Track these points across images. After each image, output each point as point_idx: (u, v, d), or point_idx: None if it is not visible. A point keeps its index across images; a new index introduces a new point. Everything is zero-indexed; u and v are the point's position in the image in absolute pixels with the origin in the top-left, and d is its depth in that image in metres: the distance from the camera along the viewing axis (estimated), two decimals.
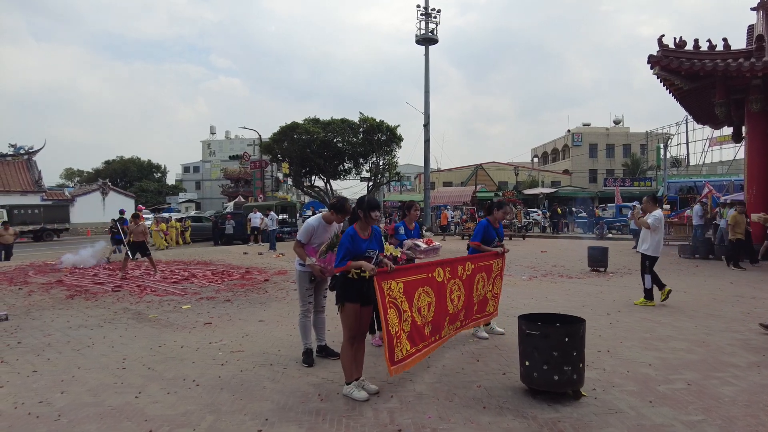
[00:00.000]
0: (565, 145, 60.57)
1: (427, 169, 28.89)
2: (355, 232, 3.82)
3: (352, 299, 3.81)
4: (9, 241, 15.81)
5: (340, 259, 3.72)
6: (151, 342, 5.44)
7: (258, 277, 10.78)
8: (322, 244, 4.60)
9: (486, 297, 5.32)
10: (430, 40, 29.82)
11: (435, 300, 4.27)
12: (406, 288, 3.95)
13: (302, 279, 4.63)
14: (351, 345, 3.84)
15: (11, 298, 8.42)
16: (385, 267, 3.79)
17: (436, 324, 4.29)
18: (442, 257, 4.96)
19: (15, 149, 38.15)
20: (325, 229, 4.62)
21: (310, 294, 4.68)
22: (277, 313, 6.98)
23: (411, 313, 3.96)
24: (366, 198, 3.94)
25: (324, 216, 4.68)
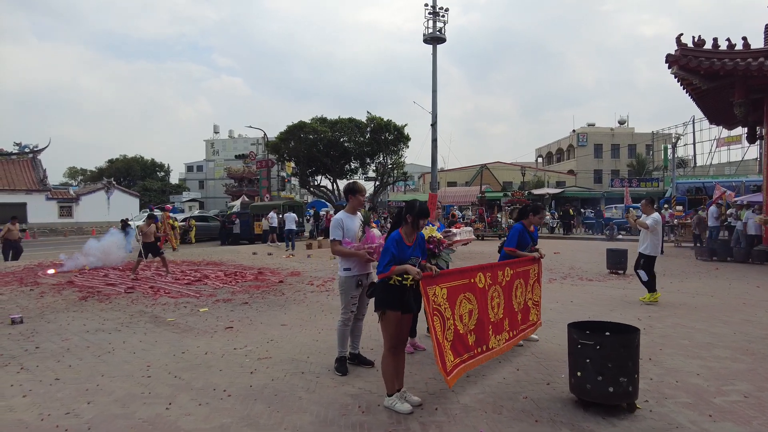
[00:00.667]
0: (570, 145, 60.32)
1: (434, 169, 28.61)
2: (400, 237, 3.64)
3: (393, 306, 3.62)
4: (16, 237, 15.68)
5: (384, 264, 3.53)
6: (174, 348, 5.25)
7: (271, 278, 10.60)
8: (356, 234, 4.44)
9: (527, 305, 5.11)
10: (437, 39, 29.54)
11: (477, 307, 4.08)
12: (449, 294, 3.76)
13: (348, 285, 4.42)
14: (393, 355, 3.66)
15: (24, 300, 8.25)
16: (430, 271, 3.61)
17: (480, 333, 4.10)
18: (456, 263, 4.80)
19: (20, 148, 38.07)
20: (351, 219, 4.48)
21: (355, 302, 4.47)
22: (298, 316, 6.79)
23: (453, 321, 3.78)
24: (417, 204, 3.72)
25: (346, 209, 4.56)
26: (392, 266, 3.52)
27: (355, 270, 4.41)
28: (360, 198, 4.49)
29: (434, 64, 29.58)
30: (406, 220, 3.69)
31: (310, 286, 9.44)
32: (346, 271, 4.43)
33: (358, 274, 4.42)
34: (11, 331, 6.06)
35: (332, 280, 10.12)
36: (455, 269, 4.02)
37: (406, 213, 3.69)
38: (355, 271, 4.41)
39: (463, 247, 17.45)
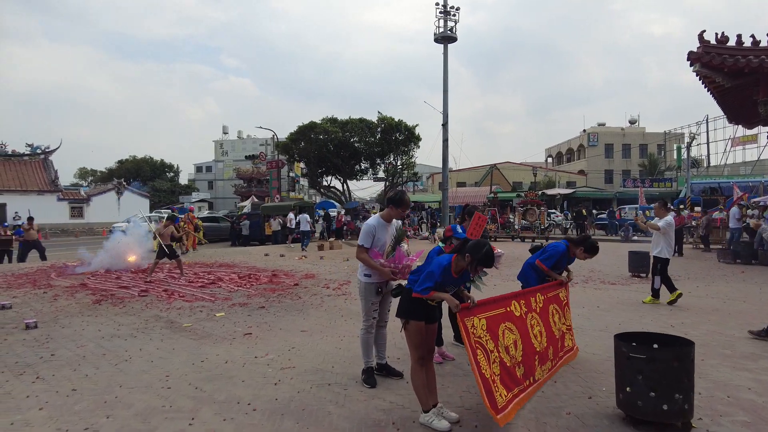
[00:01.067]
0: (580, 145, 59.79)
1: (445, 169, 28.37)
2: (450, 266, 3.38)
3: (417, 316, 3.42)
4: (34, 237, 15.65)
5: (425, 288, 3.32)
6: (192, 356, 5.07)
7: (286, 281, 10.42)
8: (383, 246, 4.22)
9: (563, 331, 4.84)
10: (448, 38, 29.31)
11: (520, 337, 3.83)
12: (489, 325, 3.52)
13: (368, 291, 4.23)
14: (421, 367, 3.44)
15: (37, 303, 8.12)
16: (467, 302, 3.38)
17: (528, 365, 3.84)
18: None
19: (32, 149, 38.26)
20: (384, 228, 4.24)
21: (376, 308, 4.27)
22: (318, 322, 6.59)
23: (498, 354, 3.52)
24: (485, 250, 3.25)
25: (382, 215, 4.29)
26: (432, 291, 3.32)
27: (376, 277, 4.21)
28: (402, 212, 4.23)
29: (445, 64, 29.33)
30: (465, 257, 3.29)
31: (326, 290, 9.24)
32: (366, 276, 4.24)
33: (378, 282, 4.22)
34: (26, 337, 5.91)
35: (348, 284, 9.93)
36: (489, 298, 3.78)
37: (468, 251, 3.27)
38: (375, 278, 4.21)
39: None
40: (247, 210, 27.06)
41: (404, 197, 4.25)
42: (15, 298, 8.62)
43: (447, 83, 29.17)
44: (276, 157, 30.00)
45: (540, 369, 4.08)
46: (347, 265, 13.59)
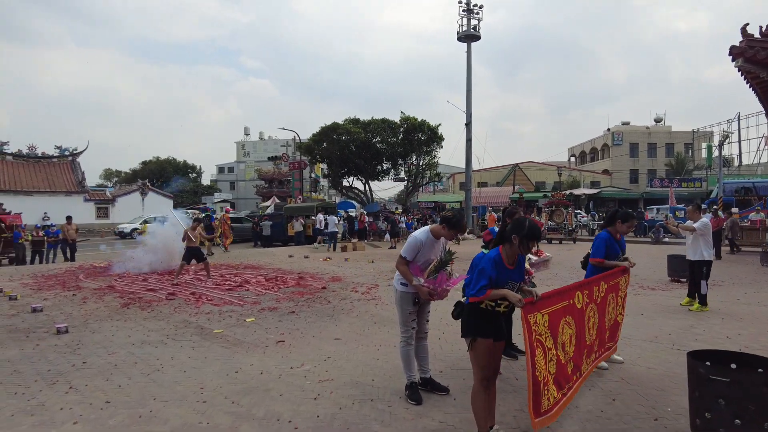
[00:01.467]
0: (604, 145, 58.63)
1: (468, 169, 28.01)
2: (500, 258, 3.14)
3: (485, 333, 3.14)
4: (73, 237, 15.85)
5: (480, 288, 3.06)
6: (226, 366, 4.89)
7: (314, 284, 10.24)
8: (427, 262, 3.97)
9: (616, 321, 4.59)
10: (472, 36, 28.96)
11: (576, 331, 3.57)
12: (550, 320, 3.26)
13: (405, 301, 3.99)
14: (485, 388, 3.18)
15: (67, 306, 8.08)
16: (531, 297, 3.11)
17: (577, 360, 3.60)
18: None
19: (60, 151, 39.03)
20: (432, 244, 3.99)
21: (414, 318, 4.03)
22: (351, 329, 6.37)
23: (555, 351, 3.27)
24: (527, 224, 3.14)
25: (432, 230, 4.03)
26: (488, 290, 3.04)
27: (412, 288, 3.96)
28: (453, 234, 3.95)
29: (469, 62, 28.98)
30: (512, 241, 3.12)
31: (354, 293, 9.03)
32: (402, 286, 4.01)
33: (415, 292, 3.97)
34: (57, 342, 5.82)
35: (377, 287, 9.70)
36: (554, 291, 3.51)
37: (512, 233, 3.11)
38: (412, 288, 3.96)
39: None
40: (270, 211, 27.08)
41: (462, 221, 4.00)
42: (46, 300, 8.62)
43: (470, 82, 28.82)
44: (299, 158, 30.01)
45: (586, 362, 3.84)
46: (373, 267, 13.38)
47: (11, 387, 4.34)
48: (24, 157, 37.48)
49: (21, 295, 9.00)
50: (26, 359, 5.18)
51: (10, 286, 10.23)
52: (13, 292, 9.17)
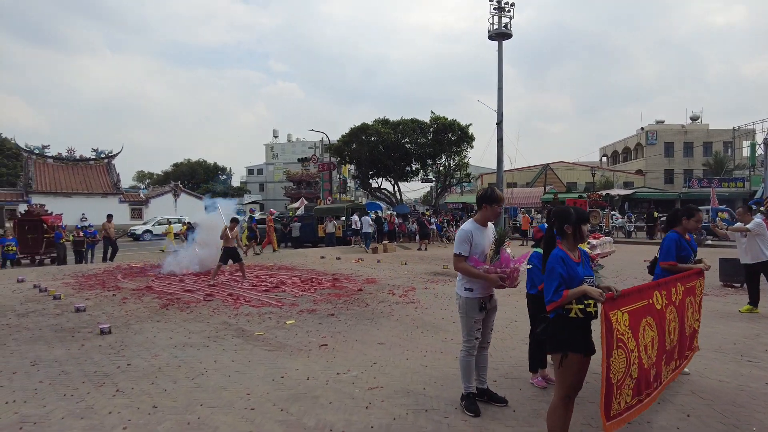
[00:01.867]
0: (637, 144, 57.05)
1: (500, 169, 27.53)
2: (565, 253, 2.93)
3: (577, 347, 2.88)
4: (113, 235, 16.20)
5: (554, 290, 2.83)
6: (270, 370, 4.77)
7: (349, 286, 10.11)
8: (484, 251, 3.75)
9: (694, 327, 4.29)
10: (503, 35, 28.49)
11: (657, 334, 3.32)
12: (631, 320, 3.01)
13: (470, 307, 3.76)
14: (566, 406, 2.93)
15: (108, 306, 8.15)
16: (611, 292, 2.86)
17: (659, 366, 3.35)
18: None
19: (97, 154, 40.12)
20: (481, 232, 3.77)
21: (479, 327, 3.80)
22: (393, 333, 6.19)
23: (638, 354, 3.03)
24: (573, 209, 3.03)
25: (476, 218, 3.82)
26: (565, 290, 2.82)
27: (478, 291, 3.74)
28: (497, 208, 3.78)
29: (500, 61, 28.49)
30: (565, 232, 2.98)
31: (391, 296, 8.85)
32: (467, 291, 3.76)
33: (482, 296, 3.75)
34: (101, 343, 5.82)
35: (413, 290, 9.50)
36: (632, 288, 3.25)
37: (562, 223, 2.98)
38: (478, 293, 3.74)
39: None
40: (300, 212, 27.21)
41: (495, 192, 3.78)
42: (88, 300, 8.72)
43: (501, 81, 28.33)
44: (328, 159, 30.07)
45: (666, 369, 3.58)
46: (406, 269, 13.18)
47: (60, 388, 4.32)
48: (63, 160, 38.67)
49: (64, 295, 9.14)
50: (73, 359, 5.17)
51: (54, 286, 10.43)
52: (57, 291, 9.32)
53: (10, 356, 5.36)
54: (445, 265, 13.58)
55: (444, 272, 12.39)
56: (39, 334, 6.32)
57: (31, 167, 36.16)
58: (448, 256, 16.82)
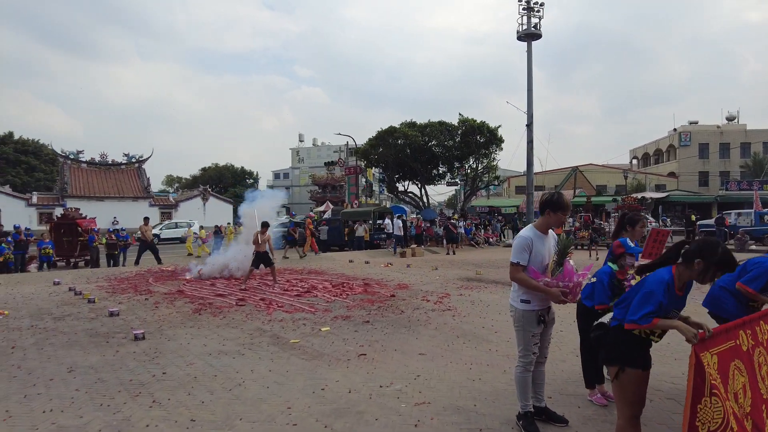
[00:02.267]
0: (670, 146, 55.44)
1: (530, 172, 26.95)
2: (672, 281, 2.60)
3: (635, 362, 2.62)
4: (150, 238, 16.38)
5: (645, 314, 2.52)
6: (310, 381, 4.56)
7: (381, 291, 9.88)
8: (544, 260, 3.47)
9: None
10: (532, 35, 27.99)
11: (748, 380, 2.91)
12: (720, 362, 2.64)
13: (528, 321, 3.47)
14: (633, 427, 2.65)
15: (141, 311, 8.11)
16: (703, 331, 2.53)
17: (756, 417, 2.91)
18: None
19: (128, 158, 40.99)
20: (541, 240, 3.48)
21: (537, 342, 3.51)
22: (433, 343, 5.92)
23: (730, 403, 2.64)
24: (720, 249, 2.55)
25: (537, 225, 3.54)
26: (655, 318, 2.51)
27: (536, 303, 3.45)
28: (561, 217, 3.48)
29: (529, 61, 27.96)
30: (692, 265, 2.55)
31: (426, 303, 8.58)
32: (524, 303, 3.48)
33: (540, 308, 3.47)
34: (135, 349, 5.72)
35: (448, 297, 9.21)
36: (718, 328, 2.88)
37: (697, 255, 2.53)
38: (536, 304, 3.45)
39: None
40: (327, 215, 27.16)
41: (563, 198, 3.47)
42: (121, 304, 8.71)
43: (531, 81, 27.80)
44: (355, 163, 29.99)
45: None
46: (438, 275, 12.88)
47: (97, 398, 4.19)
48: (96, 165, 39.63)
49: (98, 298, 9.16)
50: (108, 366, 5.07)
51: (88, 289, 10.51)
52: (91, 294, 9.36)
53: (47, 362, 5.31)
54: (477, 271, 13.23)
55: (477, 278, 12.06)
56: (75, 339, 6.28)
57: (66, 172, 37.15)
58: (478, 261, 16.46)
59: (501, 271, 13.60)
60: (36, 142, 48.22)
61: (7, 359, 5.43)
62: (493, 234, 26.32)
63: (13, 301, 9.24)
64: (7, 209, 31.34)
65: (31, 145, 47.20)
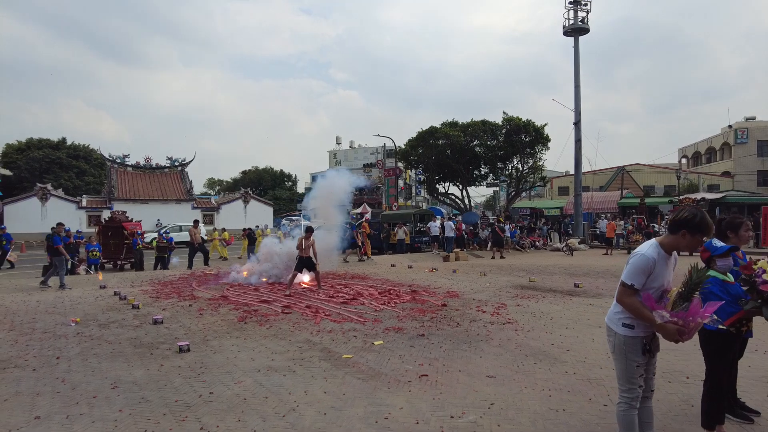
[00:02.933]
0: (724, 143, 52.55)
1: (578, 171, 25.83)
2: None
3: None
4: (199, 241, 16.40)
5: None
6: (371, 407, 4.08)
7: (430, 299, 9.34)
8: (661, 287, 2.87)
9: None
10: (580, 29, 26.86)
11: None
12: None
13: (632, 349, 2.88)
14: None
15: (185, 318, 7.86)
16: None
17: None
18: None
19: (171, 162, 41.88)
20: (664, 261, 2.87)
21: (642, 373, 2.92)
22: (501, 363, 5.33)
23: None
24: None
25: (663, 242, 2.91)
26: None
27: (641, 329, 2.86)
28: (699, 240, 2.85)
29: (576, 57, 26.86)
30: None
31: (482, 314, 7.98)
32: (626, 328, 2.88)
33: (645, 335, 2.87)
34: (180, 363, 5.40)
35: (504, 307, 8.58)
36: None
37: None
38: (641, 331, 2.86)
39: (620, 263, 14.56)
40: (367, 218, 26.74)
41: (706, 220, 2.81)
42: (165, 310, 8.51)
43: (578, 78, 26.69)
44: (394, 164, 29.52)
45: None
46: (488, 282, 12.22)
47: (141, 421, 3.84)
48: (141, 168, 40.65)
49: (142, 304, 9.00)
50: (152, 383, 4.75)
51: (132, 293, 10.41)
52: (135, 300, 9.21)
53: (91, 375, 5.04)
54: (531, 278, 12.49)
55: (531, 286, 11.34)
56: (119, 349, 6.03)
57: (113, 175, 38.24)
58: (528, 267, 15.68)
59: (555, 278, 12.82)
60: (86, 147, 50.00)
61: (52, 371, 5.21)
62: (538, 237, 25.31)
63: (62, 305, 9.20)
64: (59, 212, 32.42)
65: (81, 150, 48.97)
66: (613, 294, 3.19)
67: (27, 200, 34.10)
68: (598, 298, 9.47)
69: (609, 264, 16.25)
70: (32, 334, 6.88)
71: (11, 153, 44.74)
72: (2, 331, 7.12)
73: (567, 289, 10.62)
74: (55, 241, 11.73)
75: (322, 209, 13.03)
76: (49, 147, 46.00)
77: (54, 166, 44.49)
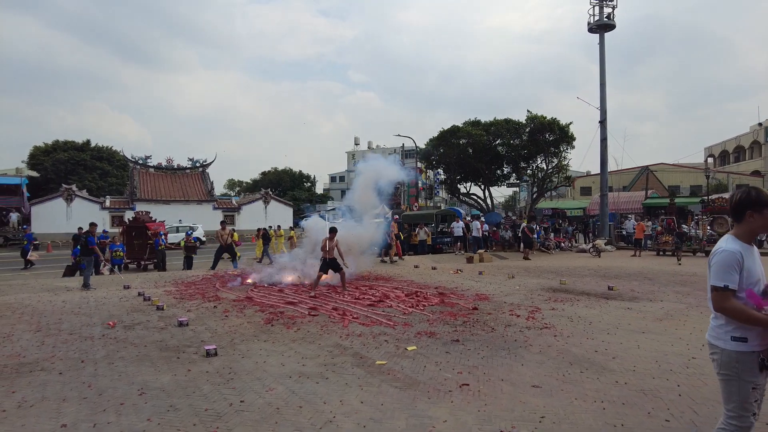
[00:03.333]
0: (753, 142, 51.07)
1: (604, 171, 25.21)
2: None
3: None
4: (228, 241, 16.29)
5: None
6: (412, 419, 3.82)
7: (459, 302, 9.03)
8: (760, 281, 2.53)
9: None
10: (605, 26, 26.24)
11: None
12: None
13: (745, 366, 2.49)
14: None
15: (211, 320, 7.70)
16: None
17: None
18: None
19: (192, 163, 42.22)
20: (750, 253, 2.55)
21: (757, 398, 2.52)
22: (544, 372, 5.01)
23: None
24: None
25: (737, 233, 2.59)
26: None
27: (756, 341, 2.47)
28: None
29: (602, 54, 26.25)
30: None
31: (516, 318, 7.66)
32: (737, 342, 2.49)
33: (762, 348, 2.50)
34: (208, 368, 5.21)
35: (539, 311, 8.23)
36: None
37: None
38: (756, 343, 2.48)
39: (656, 265, 14.19)
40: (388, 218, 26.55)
41: (763, 193, 2.52)
42: (189, 312, 8.38)
43: (604, 75, 26.09)
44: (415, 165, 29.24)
45: None
46: (517, 284, 11.85)
47: (170, 431, 3.64)
48: (163, 169, 41.04)
49: (167, 305, 8.88)
50: (180, 390, 4.55)
51: (156, 294, 10.33)
52: (159, 301, 9.11)
53: (117, 380, 4.88)
54: (561, 280, 12.08)
55: (563, 288, 10.95)
56: (145, 353, 5.87)
57: (135, 176, 38.67)
58: (556, 268, 15.25)
59: (586, 280, 12.40)
60: (109, 148, 50.76)
61: (78, 374, 5.06)
62: (563, 238, 24.74)
63: (87, 306, 9.14)
64: (84, 212, 32.90)
65: (105, 152, 49.73)
66: (650, 297, 2.86)
67: (53, 201, 34.65)
68: (634, 301, 9.05)
69: (640, 266, 15.71)
70: (58, 336, 6.79)
71: (38, 155, 45.59)
72: (29, 332, 7.04)
73: (601, 292, 10.21)
74: (90, 242, 11.84)
75: (364, 197, 12.66)
76: (74, 149, 46.80)
77: (78, 167, 45.23)
